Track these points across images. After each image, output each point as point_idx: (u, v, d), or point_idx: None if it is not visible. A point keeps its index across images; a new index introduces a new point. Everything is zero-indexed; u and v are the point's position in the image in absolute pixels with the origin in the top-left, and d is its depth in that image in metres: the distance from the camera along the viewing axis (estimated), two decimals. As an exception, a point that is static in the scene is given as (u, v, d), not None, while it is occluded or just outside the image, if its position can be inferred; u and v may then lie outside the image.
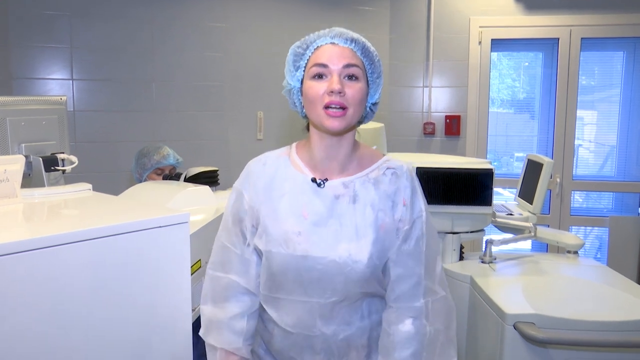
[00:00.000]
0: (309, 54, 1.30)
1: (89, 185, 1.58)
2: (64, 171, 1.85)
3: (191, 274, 1.34)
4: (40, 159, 1.77)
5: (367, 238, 1.29)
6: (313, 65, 1.27)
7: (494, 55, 4.39)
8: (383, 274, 1.35)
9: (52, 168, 1.80)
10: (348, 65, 1.25)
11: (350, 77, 1.26)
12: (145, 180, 2.53)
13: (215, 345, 1.39)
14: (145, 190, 2.02)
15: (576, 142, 4.28)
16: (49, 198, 1.47)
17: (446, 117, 4.32)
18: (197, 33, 3.77)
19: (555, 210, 4.30)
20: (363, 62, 1.29)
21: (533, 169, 2.74)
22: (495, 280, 2.26)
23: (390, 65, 4.34)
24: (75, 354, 1.07)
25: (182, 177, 2.39)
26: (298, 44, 1.33)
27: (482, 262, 2.47)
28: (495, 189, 2.37)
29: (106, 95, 3.59)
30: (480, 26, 4.24)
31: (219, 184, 2.41)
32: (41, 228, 1.18)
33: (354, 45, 1.28)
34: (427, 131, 4.34)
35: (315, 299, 1.32)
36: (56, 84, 3.48)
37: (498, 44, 4.33)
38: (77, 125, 3.50)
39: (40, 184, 1.76)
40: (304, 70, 1.31)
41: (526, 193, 2.79)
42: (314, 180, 1.33)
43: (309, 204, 1.31)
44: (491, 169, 2.34)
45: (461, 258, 2.54)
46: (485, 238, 2.60)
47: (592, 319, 1.86)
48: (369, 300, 1.37)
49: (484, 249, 2.53)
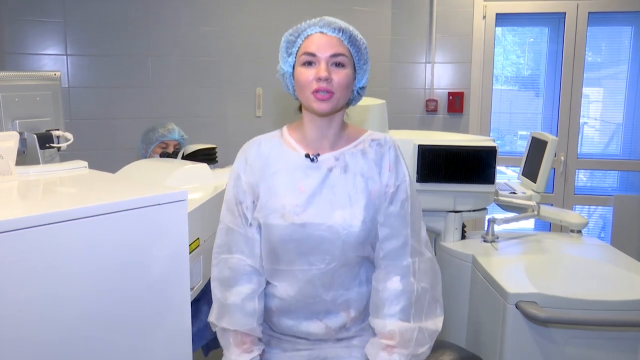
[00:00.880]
0: (300, 42, 1.42)
1: (85, 163, 1.58)
2: (59, 148, 1.84)
3: (189, 253, 1.35)
4: (35, 136, 1.77)
5: (359, 203, 1.43)
6: (303, 54, 1.41)
7: (499, 30, 4.35)
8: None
9: (47, 145, 1.80)
10: (335, 55, 1.39)
11: (337, 65, 1.39)
12: (150, 155, 2.54)
13: (229, 328, 1.48)
14: (142, 167, 2.02)
15: (581, 120, 4.26)
16: (44, 176, 1.47)
17: (449, 94, 4.30)
18: (194, 7, 3.73)
19: (559, 189, 4.31)
20: (350, 50, 1.41)
21: (537, 147, 2.73)
22: (497, 259, 2.27)
23: (392, 41, 4.31)
24: (71, 333, 1.07)
25: (180, 155, 2.39)
26: (290, 31, 1.45)
27: (485, 241, 2.48)
28: (498, 168, 2.37)
29: (101, 71, 3.57)
30: (484, 0, 4.20)
31: (217, 162, 2.41)
32: (37, 206, 1.18)
33: (341, 34, 1.40)
34: (430, 108, 4.32)
35: (315, 267, 1.44)
36: (50, 59, 3.45)
37: (503, 19, 4.29)
38: (72, 101, 3.48)
39: (35, 162, 1.76)
40: (295, 57, 1.44)
41: (530, 171, 2.79)
42: (307, 155, 1.47)
43: (304, 178, 1.45)
44: (494, 147, 2.33)
45: (463, 237, 2.55)
46: (487, 217, 2.61)
47: (595, 298, 1.88)
48: (366, 267, 1.52)
49: (486, 228, 2.54)
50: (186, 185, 1.70)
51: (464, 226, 2.57)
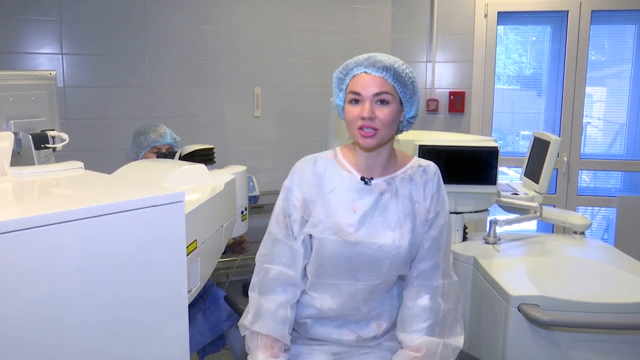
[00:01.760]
0: (348, 80, 1.53)
1: (81, 164, 1.58)
2: (54, 149, 1.84)
3: (187, 255, 1.34)
4: (30, 136, 1.77)
5: (407, 226, 1.56)
6: (350, 92, 1.51)
7: (500, 29, 4.36)
8: None
9: (42, 146, 1.79)
10: (378, 93, 1.48)
11: (382, 102, 1.48)
12: (141, 159, 2.52)
13: (262, 332, 1.57)
14: (138, 168, 2.02)
15: (584, 120, 4.27)
16: (40, 176, 1.47)
17: (450, 94, 4.31)
18: (191, 6, 3.74)
19: (561, 190, 4.31)
20: (394, 87, 1.50)
21: (539, 147, 2.73)
22: (499, 261, 2.27)
23: (392, 39, 4.31)
24: (67, 336, 1.07)
25: (177, 155, 2.39)
26: (340, 69, 1.56)
27: (486, 243, 2.48)
28: (500, 168, 2.36)
29: (97, 71, 3.57)
30: (486, -2, 4.21)
31: (215, 162, 2.41)
32: (32, 207, 1.18)
33: (385, 73, 1.49)
34: (430, 108, 4.32)
35: (361, 283, 1.56)
36: (45, 58, 3.45)
37: (505, 17, 4.29)
38: (68, 101, 3.49)
39: (30, 162, 1.76)
40: (344, 93, 1.55)
41: (532, 172, 2.79)
42: (362, 178, 1.58)
43: (358, 199, 1.56)
44: (496, 147, 2.33)
45: (464, 239, 2.55)
46: (489, 218, 2.60)
47: (598, 301, 1.88)
48: (399, 283, 1.66)
49: (488, 230, 2.53)
50: (183, 186, 1.70)
51: (465, 228, 2.56)
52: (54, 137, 1.84)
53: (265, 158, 4.10)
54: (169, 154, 2.47)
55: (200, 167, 1.99)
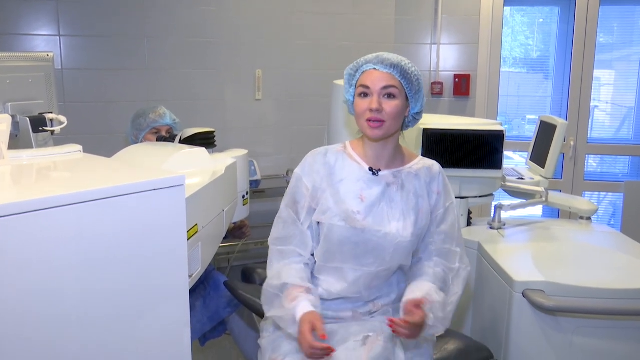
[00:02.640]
0: (358, 76, 1.67)
1: (79, 147, 1.58)
2: (52, 132, 1.84)
3: (188, 239, 1.35)
4: (28, 119, 1.76)
5: (411, 219, 1.67)
6: (359, 86, 1.65)
7: (507, 10, 4.32)
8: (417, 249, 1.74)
9: (40, 129, 1.79)
10: (386, 87, 1.61)
11: (389, 96, 1.62)
12: (141, 142, 2.52)
13: (287, 281, 1.62)
14: (138, 152, 2.02)
15: (592, 104, 4.24)
16: (38, 160, 1.47)
17: (455, 77, 4.28)
18: (191, -14, 3.71)
19: (568, 174, 4.30)
20: (401, 83, 1.63)
21: (546, 131, 2.72)
22: (504, 246, 2.27)
23: (396, 21, 4.28)
24: (66, 320, 1.08)
25: (177, 139, 2.38)
26: (351, 66, 1.70)
27: (491, 228, 2.49)
28: (505, 153, 2.36)
29: (95, 53, 3.55)
30: (492, -22, 4.17)
31: (215, 146, 2.41)
32: (30, 191, 1.18)
33: (392, 70, 1.62)
34: (435, 91, 4.30)
35: (365, 268, 1.67)
36: (42, 40, 3.44)
37: (511, -2, 4.26)
38: (66, 84, 3.47)
39: (28, 146, 1.76)
40: (355, 88, 1.68)
41: (538, 156, 2.79)
42: (371, 169, 1.70)
43: (366, 189, 1.68)
44: (502, 131, 2.33)
45: (469, 224, 2.56)
46: (494, 203, 2.61)
47: (605, 287, 1.88)
48: (398, 273, 1.76)
49: (492, 215, 2.54)
50: (184, 170, 1.70)
51: (469, 213, 2.57)
52: (52, 120, 1.83)
53: (266, 142, 4.09)
54: (168, 137, 2.46)
55: (201, 151, 1.99)
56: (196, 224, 1.58)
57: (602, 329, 1.89)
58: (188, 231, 1.37)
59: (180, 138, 2.37)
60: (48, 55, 1.97)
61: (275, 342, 1.69)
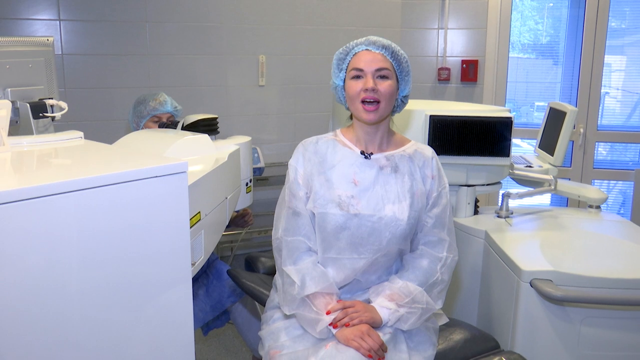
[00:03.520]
0: (349, 59, 1.70)
1: (80, 133, 1.58)
2: (53, 118, 1.84)
3: (190, 227, 1.35)
4: (28, 105, 1.76)
5: (406, 201, 1.68)
6: (352, 69, 1.68)
7: (516, -6, 4.29)
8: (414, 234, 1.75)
9: (41, 115, 1.79)
10: (380, 69, 1.65)
11: (382, 77, 1.65)
12: (142, 129, 2.52)
13: (317, 290, 1.63)
14: (140, 138, 2.02)
15: (602, 90, 4.22)
16: (38, 146, 1.47)
17: (462, 62, 4.26)
18: (193, -31, 3.69)
19: (577, 162, 4.29)
20: (392, 64, 1.67)
21: (555, 118, 2.71)
22: (511, 235, 2.27)
23: (402, 5, 4.26)
24: (68, 308, 1.08)
25: (180, 125, 2.38)
26: (340, 50, 1.72)
27: (498, 217, 2.48)
28: (513, 140, 2.35)
29: (96, 38, 3.55)
30: (502, -39, 4.14)
31: (218, 133, 2.40)
32: (31, 178, 1.19)
33: (384, 51, 1.66)
34: (442, 77, 4.28)
35: (363, 257, 1.67)
36: (42, 24, 3.43)
37: (521, -18, 4.22)
38: (66, 69, 3.47)
39: (28, 132, 1.76)
40: (345, 72, 1.71)
41: (547, 144, 2.78)
42: (362, 153, 1.72)
43: (359, 173, 1.70)
44: (510, 118, 2.32)
45: (476, 212, 2.55)
46: (501, 191, 2.60)
47: (614, 276, 1.88)
48: (398, 261, 1.76)
49: (500, 203, 2.53)
50: (186, 157, 1.69)
51: (476, 201, 2.56)
52: (52, 106, 1.83)
53: (270, 128, 4.09)
54: (170, 124, 2.46)
55: (204, 138, 1.98)
56: (199, 212, 1.58)
57: (611, 319, 1.89)
58: (190, 219, 1.37)
59: (183, 124, 2.37)
60: (48, 39, 1.96)
61: (275, 334, 1.70)
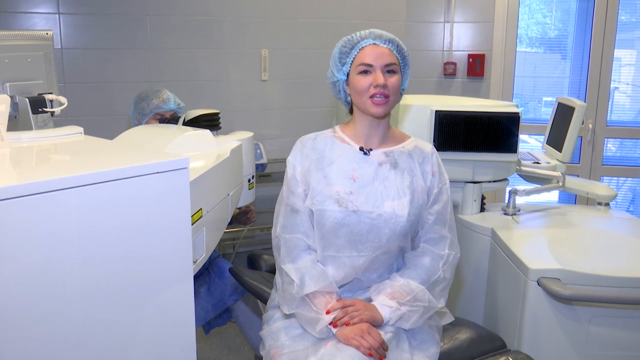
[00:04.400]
0: (355, 53, 1.69)
1: (80, 129, 1.58)
2: (52, 113, 1.84)
3: (192, 224, 1.35)
4: (27, 100, 1.76)
5: (406, 198, 1.68)
6: (360, 64, 1.67)
7: (524, -14, 4.28)
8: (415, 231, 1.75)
9: (40, 110, 1.79)
10: (389, 64, 1.66)
11: (390, 72, 1.66)
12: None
13: (316, 289, 1.64)
14: (141, 134, 2.02)
15: (612, 85, 4.21)
16: (38, 142, 1.47)
17: (469, 56, 4.25)
18: (195, -39, 3.69)
19: (586, 159, 4.28)
20: (398, 58, 1.69)
21: (563, 114, 2.70)
22: (518, 233, 2.27)
23: (408, -2, 4.25)
24: (67, 306, 1.09)
25: (181, 121, 2.38)
26: (343, 43, 1.72)
27: (505, 214, 2.48)
28: (521, 136, 2.35)
29: (96, 32, 3.55)
30: (509, -46, 4.13)
31: (220, 128, 2.41)
32: (30, 174, 1.19)
33: (390, 45, 1.68)
34: (448, 72, 4.28)
35: (363, 254, 1.67)
36: (41, 18, 3.43)
37: (529, -26, 4.21)
38: (66, 63, 3.48)
39: (27, 127, 1.76)
40: (349, 66, 1.70)
41: (555, 140, 2.77)
42: (361, 149, 1.73)
43: (358, 169, 1.70)
44: (517, 113, 2.31)
45: (482, 209, 2.55)
46: (508, 188, 2.60)
47: (622, 275, 1.87)
48: (399, 259, 1.77)
49: (507, 200, 2.53)
50: (188, 153, 1.69)
51: (483, 198, 2.56)
52: (52, 101, 1.83)
53: (272, 124, 4.09)
54: (172, 120, 2.46)
55: (205, 133, 1.98)
56: (200, 209, 1.58)
57: (620, 318, 1.89)
58: (192, 216, 1.37)
59: (184, 120, 2.37)
60: (47, 33, 1.96)
61: (275, 333, 1.71)
